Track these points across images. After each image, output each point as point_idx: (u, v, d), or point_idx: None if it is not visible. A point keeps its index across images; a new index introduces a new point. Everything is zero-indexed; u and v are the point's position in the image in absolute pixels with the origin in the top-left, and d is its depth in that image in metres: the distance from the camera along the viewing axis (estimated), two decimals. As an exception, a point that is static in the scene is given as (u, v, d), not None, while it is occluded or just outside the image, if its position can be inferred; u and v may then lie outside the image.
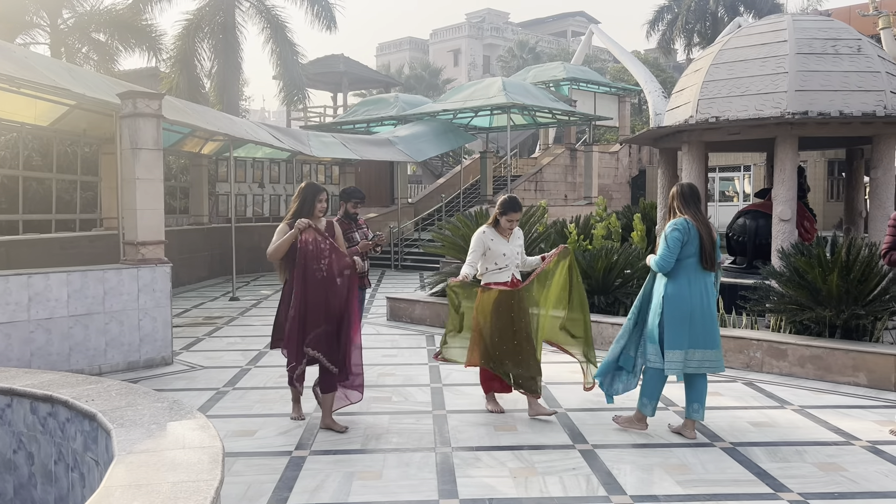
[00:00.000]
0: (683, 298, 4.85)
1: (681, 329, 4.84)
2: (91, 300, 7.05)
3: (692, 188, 5.09)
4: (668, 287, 4.91)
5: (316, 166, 18.49)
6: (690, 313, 4.85)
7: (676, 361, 4.87)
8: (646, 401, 5.10)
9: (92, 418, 3.57)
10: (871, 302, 6.67)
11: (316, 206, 5.25)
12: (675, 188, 5.15)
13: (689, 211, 4.98)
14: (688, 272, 4.89)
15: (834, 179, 25.44)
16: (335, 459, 4.68)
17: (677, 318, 4.85)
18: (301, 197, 5.27)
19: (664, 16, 37.43)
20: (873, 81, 7.85)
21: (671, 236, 4.88)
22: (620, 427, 5.22)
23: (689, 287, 4.86)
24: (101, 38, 20.05)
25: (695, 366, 4.90)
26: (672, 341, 4.86)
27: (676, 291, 4.87)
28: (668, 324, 4.87)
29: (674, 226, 4.93)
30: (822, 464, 4.54)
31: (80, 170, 11.90)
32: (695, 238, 4.88)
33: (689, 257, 4.89)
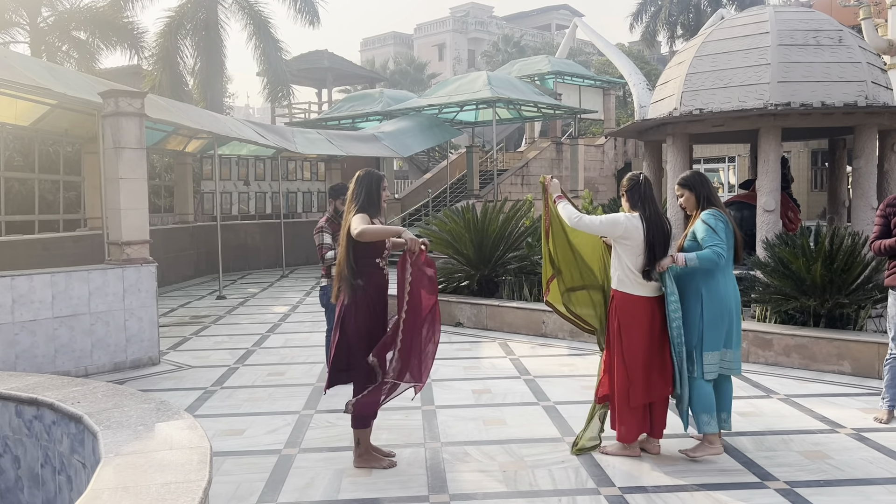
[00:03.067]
0: (722, 295, 4.47)
1: (720, 328, 4.46)
2: (76, 301, 6.99)
3: (705, 177, 4.78)
4: (703, 285, 4.47)
5: (301, 163, 18.42)
6: (729, 311, 4.49)
7: (713, 364, 4.47)
8: (706, 418, 4.49)
9: (78, 420, 3.54)
10: (854, 291, 6.74)
11: (382, 195, 4.55)
12: (691, 176, 4.73)
13: (716, 202, 4.62)
14: (723, 267, 4.49)
15: (817, 169, 25.64)
16: (325, 457, 4.68)
17: (717, 316, 4.45)
18: (364, 186, 4.47)
19: (648, 8, 37.49)
20: (854, 72, 7.90)
21: (718, 227, 4.43)
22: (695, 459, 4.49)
23: (725, 283, 4.50)
24: (82, 37, 19.87)
25: (726, 367, 4.54)
26: (711, 342, 4.45)
27: (715, 288, 4.46)
28: (708, 324, 4.45)
29: (714, 216, 4.50)
30: (808, 452, 4.59)
31: (63, 170, 11.80)
32: (731, 232, 4.53)
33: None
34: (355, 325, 4.38)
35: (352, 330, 4.38)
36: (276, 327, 9.61)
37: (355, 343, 4.39)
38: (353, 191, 4.49)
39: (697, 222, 4.56)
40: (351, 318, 4.38)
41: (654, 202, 4.56)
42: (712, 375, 4.47)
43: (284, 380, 6.75)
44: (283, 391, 6.33)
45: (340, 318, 4.43)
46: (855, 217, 8.21)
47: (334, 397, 6.10)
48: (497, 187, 21.63)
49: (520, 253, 9.63)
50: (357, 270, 4.35)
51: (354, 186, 4.50)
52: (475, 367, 7.10)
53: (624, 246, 4.49)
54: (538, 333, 8.51)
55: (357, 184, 4.50)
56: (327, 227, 6.26)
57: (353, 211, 4.40)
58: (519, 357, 7.47)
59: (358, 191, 4.46)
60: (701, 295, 4.47)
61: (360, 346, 4.37)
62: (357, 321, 4.38)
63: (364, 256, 4.38)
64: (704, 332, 4.44)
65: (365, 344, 4.37)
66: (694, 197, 4.65)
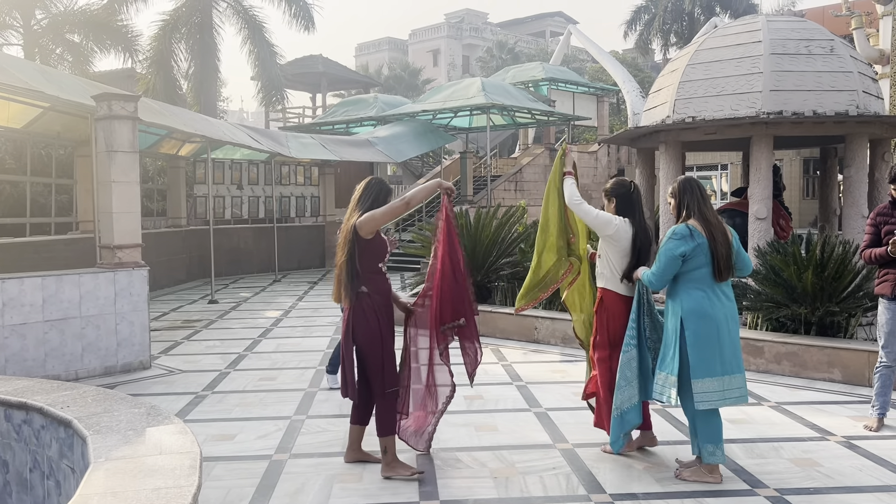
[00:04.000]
0: (704, 314, 4.11)
1: (709, 351, 4.09)
2: (67, 305, 6.96)
3: (699, 183, 4.34)
4: (683, 303, 4.17)
5: (295, 167, 18.41)
6: (716, 332, 4.10)
7: (711, 392, 4.08)
8: (711, 448, 4.19)
9: (67, 425, 3.53)
10: (845, 299, 6.77)
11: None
12: (678, 184, 4.38)
13: (695, 213, 4.22)
14: (701, 284, 4.15)
15: (809, 178, 25.78)
16: (315, 462, 4.66)
17: (702, 337, 4.09)
18: (373, 193, 4.39)
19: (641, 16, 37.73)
20: (846, 81, 7.96)
21: (665, 249, 4.14)
22: (684, 479, 4.27)
23: (709, 301, 4.13)
24: (76, 39, 19.79)
25: (735, 396, 4.14)
26: (701, 368, 4.08)
27: (696, 306, 4.13)
28: (692, 347, 4.10)
29: (671, 235, 4.18)
30: (798, 459, 4.60)
31: (55, 172, 11.75)
32: (704, 247, 4.12)
33: (699, 268, 4.15)
34: (366, 334, 4.31)
35: (363, 340, 4.32)
36: (267, 332, 9.58)
37: (369, 352, 4.33)
38: (359, 196, 4.40)
39: None
40: (361, 327, 4.31)
41: (642, 210, 4.62)
42: (708, 405, 4.10)
43: (276, 385, 6.73)
44: (275, 396, 6.32)
45: (349, 330, 4.34)
46: (846, 225, 8.26)
47: (325, 402, 6.10)
48: (490, 193, 21.66)
49: (513, 259, 9.64)
50: (361, 276, 4.29)
51: (362, 192, 4.41)
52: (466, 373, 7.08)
53: (612, 247, 4.53)
54: (530, 339, 8.51)
55: (366, 189, 4.42)
56: None
57: (356, 215, 4.33)
58: (511, 363, 7.47)
59: (365, 196, 4.38)
60: (679, 315, 4.18)
61: (373, 353, 4.32)
62: (368, 329, 4.31)
63: (368, 261, 4.32)
64: (690, 356, 4.11)
65: (379, 351, 4.32)
66: (676, 205, 4.37)
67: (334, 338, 9.07)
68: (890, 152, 9.01)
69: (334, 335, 9.26)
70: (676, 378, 4.16)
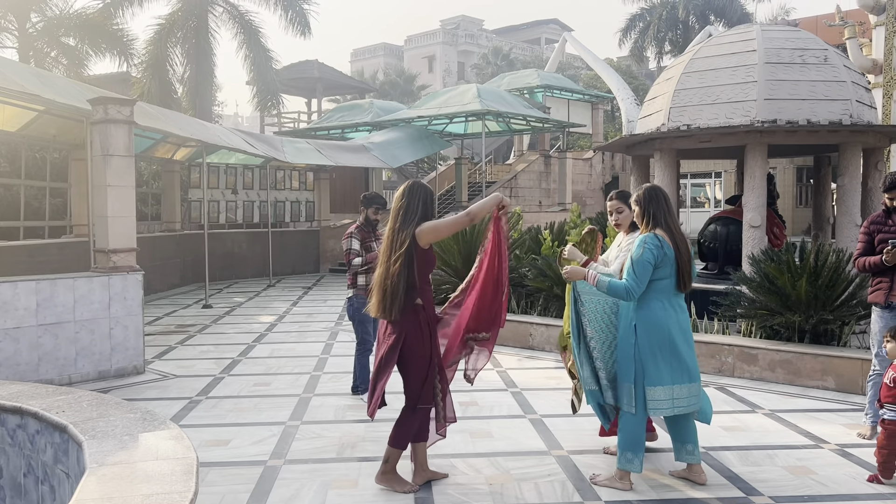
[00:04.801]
0: (657, 324, 4.11)
1: (661, 360, 4.10)
2: (61, 309, 6.94)
3: (665, 193, 4.33)
4: (639, 312, 4.15)
5: (290, 172, 18.40)
6: (670, 341, 4.12)
7: (661, 400, 4.10)
8: (630, 455, 4.20)
9: (62, 430, 3.51)
10: (838, 307, 6.80)
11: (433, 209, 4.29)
12: (644, 192, 4.32)
13: (661, 223, 4.20)
14: (660, 295, 4.15)
15: (803, 186, 25.91)
16: (310, 468, 4.65)
17: (654, 347, 4.10)
18: (421, 198, 4.15)
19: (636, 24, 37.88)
20: (839, 91, 8.01)
21: (641, 260, 4.06)
22: (596, 483, 4.34)
23: (663, 311, 4.13)
24: (71, 43, 19.79)
25: (684, 405, 4.16)
26: (653, 376, 4.10)
27: (650, 315, 4.12)
28: (645, 355, 4.11)
29: (643, 244, 4.11)
30: (793, 467, 4.62)
31: (50, 176, 11.72)
32: (671, 258, 4.13)
33: (664, 279, 4.14)
34: (419, 348, 4.13)
35: (415, 354, 4.13)
36: (262, 337, 9.56)
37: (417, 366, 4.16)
38: (405, 203, 4.12)
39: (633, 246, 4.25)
40: (416, 341, 4.12)
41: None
42: (660, 413, 4.13)
43: (270, 390, 6.72)
44: (269, 402, 6.30)
45: (397, 344, 4.10)
46: (839, 233, 8.31)
47: (320, 408, 6.09)
48: (485, 199, 21.66)
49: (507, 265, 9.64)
50: (418, 288, 4.09)
51: (408, 198, 4.13)
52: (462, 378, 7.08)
53: None
54: (525, 346, 8.51)
55: (412, 195, 4.15)
56: (356, 234, 6.26)
57: (413, 223, 4.07)
58: (506, 369, 7.48)
59: (414, 203, 4.12)
60: (634, 323, 4.16)
61: (420, 367, 4.17)
62: (422, 344, 4.14)
63: (422, 272, 4.14)
64: (644, 363, 4.11)
65: (426, 365, 4.17)
66: (640, 213, 4.29)
67: (329, 343, 9.06)
68: (883, 161, 9.07)
69: (328, 340, 9.25)
70: (633, 385, 4.17)
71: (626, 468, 4.23)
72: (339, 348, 8.71)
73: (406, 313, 4.09)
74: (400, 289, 4.03)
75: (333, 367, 7.65)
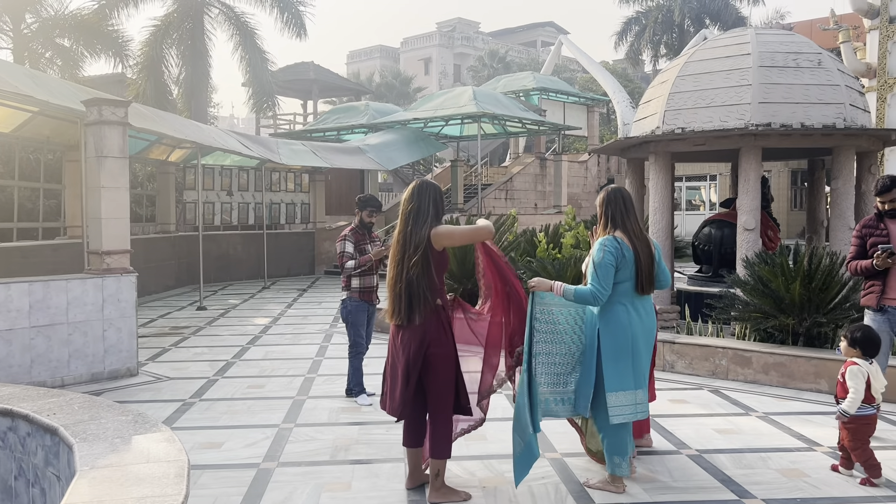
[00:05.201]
0: (621, 328, 4.10)
1: (623, 365, 4.09)
2: (54, 311, 6.91)
3: (626, 195, 4.31)
4: (601, 316, 4.15)
5: (285, 174, 18.38)
6: (634, 346, 4.12)
7: (624, 405, 4.09)
8: (618, 460, 4.20)
9: (53, 433, 3.50)
10: (832, 310, 6.82)
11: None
12: (604, 194, 4.32)
13: (620, 225, 4.21)
14: (622, 298, 4.14)
15: (797, 189, 26.00)
16: (303, 471, 4.64)
17: (617, 351, 4.09)
18: (432, 198, 4.06)
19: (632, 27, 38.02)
20: (833, 94, 8.04)
21: (602, 263, 4.06)
22: (594, 488, 4.31)
23: (627, 315, 4.12)
24: (66, 44, 19.74)
25: (644, 409, 4.19)
26: (614, 381, 4.09)
27: (613, 319, 4.12)
28: (607, 360, 4.09)
29: (603, 247, 4.11)
30: (786, 470, 4.62)
31: (44, 177, 11.68)
32: (630, 260, 4.13)
33: (624, 282, 4.14)
34: (444, 351, 4.04)
35: (441, 357, 4.03)
36: (256, 339, 9.55)
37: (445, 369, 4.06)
38: (415, 206, 4.02)
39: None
40: (440, 344, 4.02)
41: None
42: (622, 419, 4.11)
43: (264, 392, 6.70)
44: (263, 404, 6.29)
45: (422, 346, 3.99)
46: (833, 237, 8.33)
47: (314, 410, 6.08)
48: (481, 201, 21.72)
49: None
50: (437, 289, 4.03)
51: (417, 199, 4.04)
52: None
53: None
54: (520, 348, 8.51)
55: (420, 195, 4.05)
56: (350, 236, 6.21)
57: (427, 224, 3.99)
58: (499, 372, 7.45)
59: (425, 204, 4.03)
60: (597, 328, 4.15)
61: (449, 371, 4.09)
62: (447, 346, 4.05)
63: (440, 273, 4.08)
64: (605, 369, 4.10)
65: (453, 367, 4.10)
66: (601, 215, 4.31)
67: (323, 345, 9.05)
68: (877, 165, 9.10)
69: (323, 342, 9.23)
70: (592, 390, 4.17)
71: (616, 473, 4.24)
72: (334, 351, 8.70)
73: (426, 315, 4.00)
74: (421, 292, 3.95)
75: (328, 370, 7.64)
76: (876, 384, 4.45)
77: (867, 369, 4.45)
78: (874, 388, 4.44)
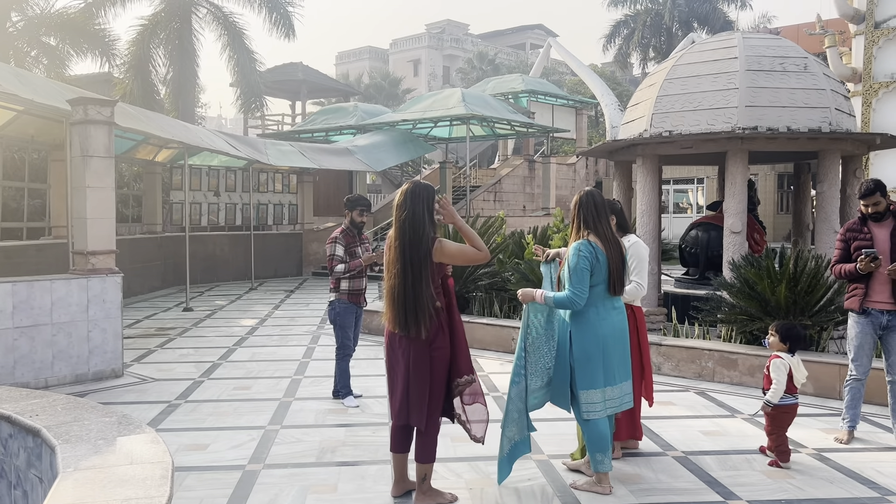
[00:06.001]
0: (592, 330, 4.18)
1: (593, 365, 4.18)
2: (38, 311, 6.85)
3: (598, 198, 4.35)
4: (573, 318, 4.22)
5: (273, 175, 18.31)
6: (604, 347, 4.20)
7: (595, 403, 4.19)
8: (600, 456, 4.25)
9: (36, 434, 3.46)
10: (817, 313, 6.86)
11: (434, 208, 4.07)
12: (577, 198, 4.37)
13: (592, 228, 4.26)
14: (595, 300, 4.20)
15: (783, 193, 26.17)
16: (289, 473, 4.62)
17: (588, 352, 4.18)
18: (423, 204, 3.96)
19: (621, 30, 38.16)
20: (819, 98, 8.10)
21: (578, 268, 4.12)
22: (581, 489, 4.35)
23: (596, 317, 4.19)
24: (52, 42, 19.57)
25: (616, 405, 4.28)
26: (585, 380, 4.18)
27: (584, 322, 4.20)
28: (578, 361, 4.19)
29: (578, 252, 4.16)
30: (771, 471, 4.64)
31: (28, 177, 11.58)
32: (603, 263, 4.19)
33: (596, 285, 4.19)
34: (443, 353, 4.01)
35: (440, 359, 4.00)
36: (242, 341, 9.50)
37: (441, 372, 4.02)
38: (409, 213, 3.93)
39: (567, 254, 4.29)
40: (441, 345, 3.99)
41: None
42: (593, 416, 4.19)
43: (250, 394, 6.67)
44: (249, 406, 6.26)
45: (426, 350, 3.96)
46: (818, 240, 8.38)
47: (300, 412, 6.05)
48: (470, 203, 21.73)
49: (491, 269, 9.65)
50: (434, 295, 3.97)
51: (411, 206, 3.94)
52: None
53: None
54: (507, 350, 8.51)
55: (413, 201, 3.94)
56: (341, 239, 6.15)
57: (427, 235, 3.94)
58: (488, 374, 7.47)
59: (420, 211, 3.94)
60: (569, 330, 4.23)
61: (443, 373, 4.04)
62: (445, 348, 4.01)
63: (437, 278, 4.03)
64: (576, 369, 4.20)
65: (447, 370, 4.06)
66: (573, 217, 4.35)
67: (310, 347, 9.02)
68: (861, 169, 9.18)
69: (310, 344, 9.20)
70: (569, 389, 4.27)
71: (600, 469, 4.27)
72: (321, 352, 8.67)
73: (433, 323, 3.96)
74: (426, 304, 3.90)
75: (314, 371, 7.61)
76: (798, 375, 4.80)
77: (789, 362, 4.79)
78: (796, 379, 4.80)
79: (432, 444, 4.10)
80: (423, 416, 3.99)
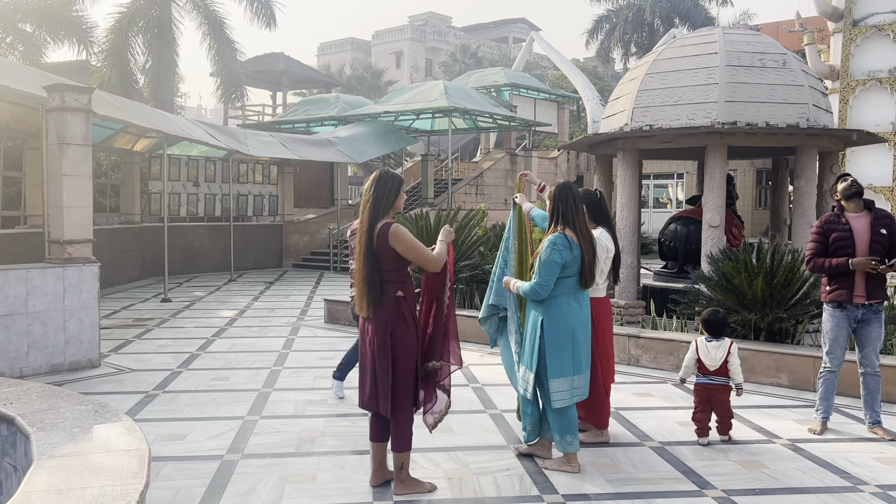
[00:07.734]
0: (562, 319, 4.30)
1: (563, 353, 4.30)
2: (13, 300, 6.76)
3: (574, 191, 4.43)
4: (545, 308, 4.34)
5: (253, 165, 18.19)
6: (573, 335, 4.32)
7: (563, 391, 4.32)
8: (570, 438, 4.40)
9: (10, 422, 3.43)
10: (793, 306, 6.95)
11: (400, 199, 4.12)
12: (554, 189, 4.45)
13: (569, 222, 4.35)
14: (566, 291, 4.33)
15: (762, 188, 26.43)
16: (268, 463, 4.61)
17: (558, 340, 4.29)
18: (387, 190, 4.01)
19: (603, 25, 38.29)
20: (797, 94, 8.18)
21: (548, 261, 4.22)
22: (547, 469, 4.50)
23: (568, 306, 4.32)
24: (28, 29, 19.25)
25: (581, 393, 4.41)
26: (555, 368, 4.31)
27: (554, 310, 4.31)
28: (550, 349, 4.30)
29: (552, 246, 4.24)
30: (745, 461, 4.71)
31: (3, 165, 11.40)
32: (577, 257, 4.30)
33: (570, 276, 4.31)
34: (406, 343, 4.01)
35: (403, 348, 4.00)
36: (222, 331, 9.44)
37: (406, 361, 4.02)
38: (373, 197, 3.98)
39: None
40: (402, 335, 3.99)
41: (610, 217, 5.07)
42: (562, 403, 4.31)
43: (229, 385, 6.64)
44: (228, 396, 6.23)
45: (386, 337, 3.97)
46: (795, 234, 8.48)
47: (279, 403, 6.03)
48: (451, 196, 21.71)
49: (472, 262, 9.67)
50: (393, 281, 3.99)
51: (375, 191, 3.99)
52: (424, 374, 7.08)
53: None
54: (488, 342, 8.53)
55: (377, 187, 4.00)
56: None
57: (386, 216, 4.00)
58: (468, 365, 7.49)
59: (382, 195, 4.00)
60: (541, 318, 4.33)
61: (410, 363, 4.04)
62: (409, 338, 4.01)
63: (402, 263, 4.02)
64: (548, 357, 4.30)
65: (415, 360, 4.06)
66: (550, 210, 4.44)
67: (290, 338, 8.99)
68: (838, 165, 9.29)
69: (290, 335, 9.17)
70: (534, 375, 4.40)
71: (569, 451, 4.43)
72: (300, 343, 8.65)
73: (387, 306, 3.99)
74: (375, 284, 3.95)
75: (294, 363, 7.59)
76: (705, 360, 5.13)
77: (699, 345, 5.19)
78: (704, 362, 5.14)
79: (407, 433, 4.10)
80: (388, 404, 4.01)
